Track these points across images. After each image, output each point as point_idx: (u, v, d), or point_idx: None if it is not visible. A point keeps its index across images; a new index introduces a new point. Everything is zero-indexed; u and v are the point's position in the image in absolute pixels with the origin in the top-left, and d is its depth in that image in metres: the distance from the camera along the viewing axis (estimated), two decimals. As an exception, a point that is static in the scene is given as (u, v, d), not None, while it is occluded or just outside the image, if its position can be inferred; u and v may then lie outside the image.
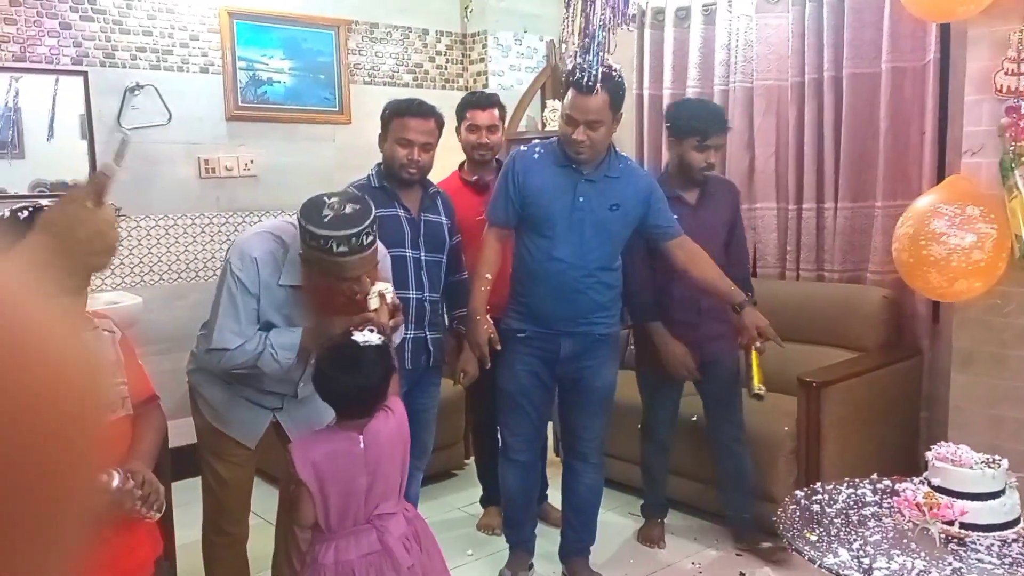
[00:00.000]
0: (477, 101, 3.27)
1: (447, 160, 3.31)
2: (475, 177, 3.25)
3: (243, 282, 2.11)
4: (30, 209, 1.63)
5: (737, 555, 3.09)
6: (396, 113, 2.74)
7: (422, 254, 2.78)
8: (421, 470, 2.98)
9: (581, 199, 2.64)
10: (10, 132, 3.57)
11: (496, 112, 3.26)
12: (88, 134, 3.71)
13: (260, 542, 2.51)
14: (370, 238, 2.05)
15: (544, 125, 4.93)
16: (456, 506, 3.61)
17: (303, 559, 1.96)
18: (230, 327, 2.11)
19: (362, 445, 1.95)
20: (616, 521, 3.41)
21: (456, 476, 3.93)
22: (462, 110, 3.26)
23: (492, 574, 2.98)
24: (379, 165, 2.82)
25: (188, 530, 2.42)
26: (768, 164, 3.86)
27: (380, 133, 2.79)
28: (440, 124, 2.79)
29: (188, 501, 2.46)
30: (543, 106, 4.95)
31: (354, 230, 2.00)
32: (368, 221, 2.03)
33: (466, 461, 3.97)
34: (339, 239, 1.98)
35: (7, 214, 1.65)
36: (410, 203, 2.79)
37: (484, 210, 3.14)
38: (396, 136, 2.71)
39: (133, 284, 3.86)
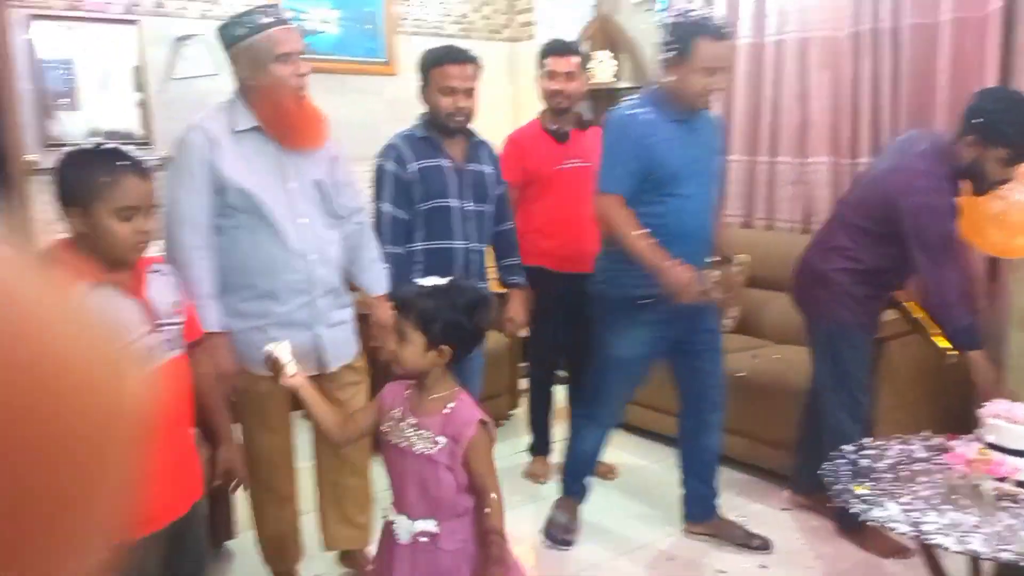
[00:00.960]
0: (556, 48, 3.24)
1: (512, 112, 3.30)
2: (555, 126, 3.23)
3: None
4: (97, 144, 1.69)
5: (782, 510, 3.09)
6: (435, 62, 2.73)
7: (467, 204, 2.79)
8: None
9: (695, 151, 2.60)
10: (66, 82, 3.63)
11: (575, 60, 3.22)
12: (141, 84, 3.75)
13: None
14: (285, 16, 2.36)
15: (592, 76, 4.86)
16: (502, 454, 3.63)
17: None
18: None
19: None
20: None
21: (502, 425, 3.98)
22: (542, 57, 3.24)
23: (538, 520, 3.04)
24: (422, 116, 2.81)
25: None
26: (823, 118, 3.77)
27: (421, 84, 2.78)
28: (478, 68, 2.77)
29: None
30: (589, 57, 4.88)
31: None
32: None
33: (512, 411, 4.01)
34: (260, 11, 2.29)
35: (71, 149, 1.70)
36: (454, 153, 2.79)
37: (563, 160, 3.18)
38: (438, 85, 2.70)
39: (185, 233, 3.93)
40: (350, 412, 2.12)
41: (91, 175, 1.63)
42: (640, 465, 3.55)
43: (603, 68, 4.82)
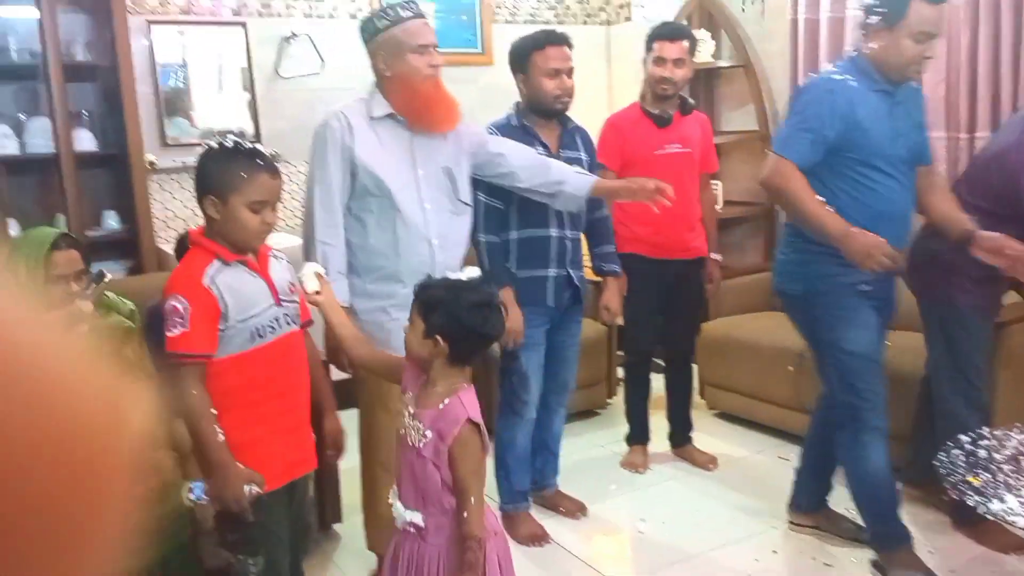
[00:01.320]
0: (666, 32, 3.17)
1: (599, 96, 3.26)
2: (657, 110, 3.18)
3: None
4: (234, 139, 1.81)
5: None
6: (534, 46, 2.74)
7: None
8: (564, 406, 3.03)
9: (901, 125, 2.42)
10: (181, 83, 3.82)
11: (685, 44, 3.15)
12: (250, 84, 3.91)
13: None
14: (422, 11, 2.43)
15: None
16: (599, 443, 3.65)
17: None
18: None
19: None
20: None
21: (599, 415, 3.97)
22: (650, 41, 3.18)
23: (632, 510, 3.03)
24: (517, 104, 2.82)
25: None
26: (937, 90, 3.57)
27: (518, 74, 2.78)
28: (571, 48, 2.78)
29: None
30: (698, 41, 4.77)
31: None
32: None
33: (609, 400, 4.00)
34: (401, 4, 2.38)
35: (214, 145, 1.81)
36: (549, 140, 2.79)
37: (663, 145, 3.13)
38: (541, 69, 2.71)
39: (294, 227, 4.08)
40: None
41: (231, 170, 1.77)
42: (741, 456, 3.48)
43: (702, 48, 4.71)
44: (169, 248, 3.24)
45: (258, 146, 1.86)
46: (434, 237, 2.43)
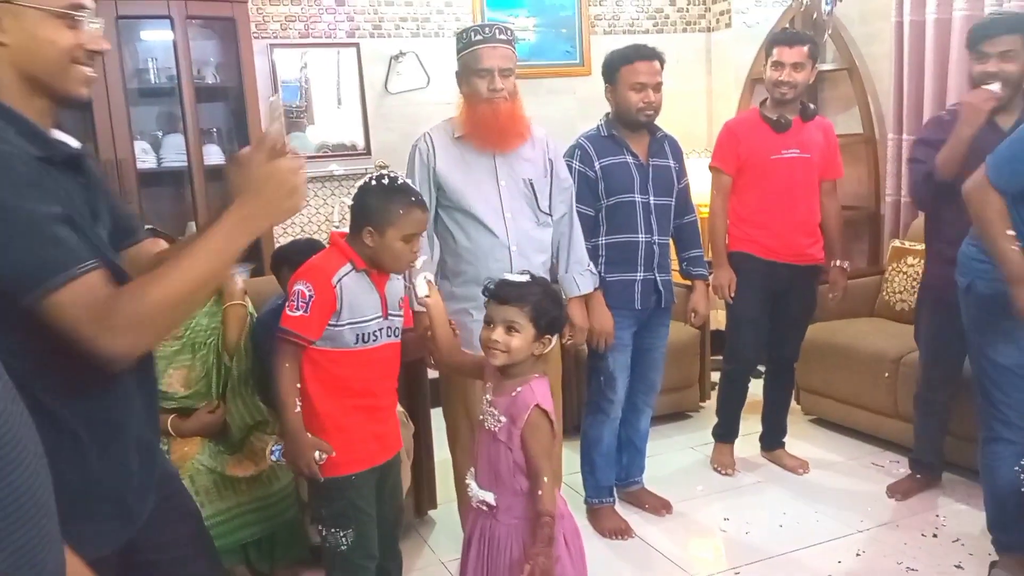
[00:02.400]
0: (785, 39, 3.20)
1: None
2: (775, 115, 3.19)
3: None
4: (388, 176, 2.01)
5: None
6: (623, 61, 2.83)
7: (651, 198, 2.87)
8: (651, 406, 3.11)
9: None
10: (302, 101, 4.13)
11: (805, 50, 3.15)
12: (361, 100, 4.19)
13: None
14: (503, 35, 2.56)
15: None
16: (688, 445, 3.70)
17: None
18: None
19: None
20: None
21: (690, 418, 4.01)
22: (769, 47, 3.21)
23: (717, 510, 3.08)
24: (607, 115, 2.93)
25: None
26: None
27: (607, 85, 2.89)
28: (663, 63, 2.85)
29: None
30: (819, 47, 4.74)
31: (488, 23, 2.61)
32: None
33: (701, 404, 4.03)
34: (475, 29, 2.55)
35: (372, 182, 2.00)
36: (638, 149, 2.88)
37: (780, 150, 3.15)
38: (629, 83, 2.81)
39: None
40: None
41: (390, 207, 1.96)
42: (834, 461, 3.45)
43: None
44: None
45: (408, 182, 2.06)
46: (513, 245, 2.57)
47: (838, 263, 3.35)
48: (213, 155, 3.70)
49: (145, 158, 3.58)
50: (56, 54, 1.23)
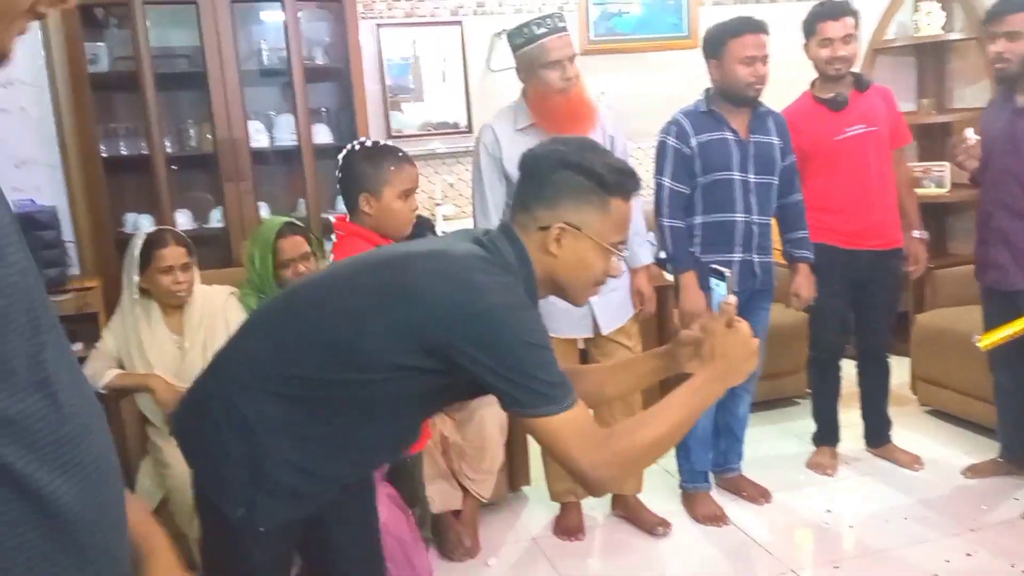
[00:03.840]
0: (828, 12, 3.04)
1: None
2: (831, 95, 3.05)
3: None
4: (367, 141, 2.05)
5: None
6: (732, 34, 2.74)
7: (750, 176, 2.78)
8: (749, 392, 3.02)
9: None
10: (411, 79, 4.20)
11: (850, 20, 3.02)
12: (464, 78, 4.21)
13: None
14: (562, 23, 2.57)
15: (917, 30, 4.47)
16: (793, 432, 3.58)
17: None
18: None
19: None
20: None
21: (797, 404, 3.89)
22: (811, 24, 3.06)
23: (819, 501, 2.98)
24: (707, 90, 2.84)
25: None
26: None
27: (711, 60, 2.79)
28: (768, 35, 2.76)
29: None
30: (915, 8, 4.48)
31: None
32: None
33: (808, 390, 3.88)
34: (536, 22, 2.56)
35: (355, 147, 2.03)
36: (738, 125, 2.79)
37: (842, 129, 3.02)
38: (737, 57, 2.71)
39: (501, 210, 4.35)
40: None
41: (380, 166, 2.00)
42: (950, 456, 3.27)
43: (929, 19, 4.41)
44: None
45: (390, 143, 2.08)
46: None
47: (916, 234, 3.17)
48: (322, 134, 3.81)
49: (258, 138, 3.72)
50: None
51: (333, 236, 2.29)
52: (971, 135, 2.78)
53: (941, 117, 4.51)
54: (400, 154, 2.04)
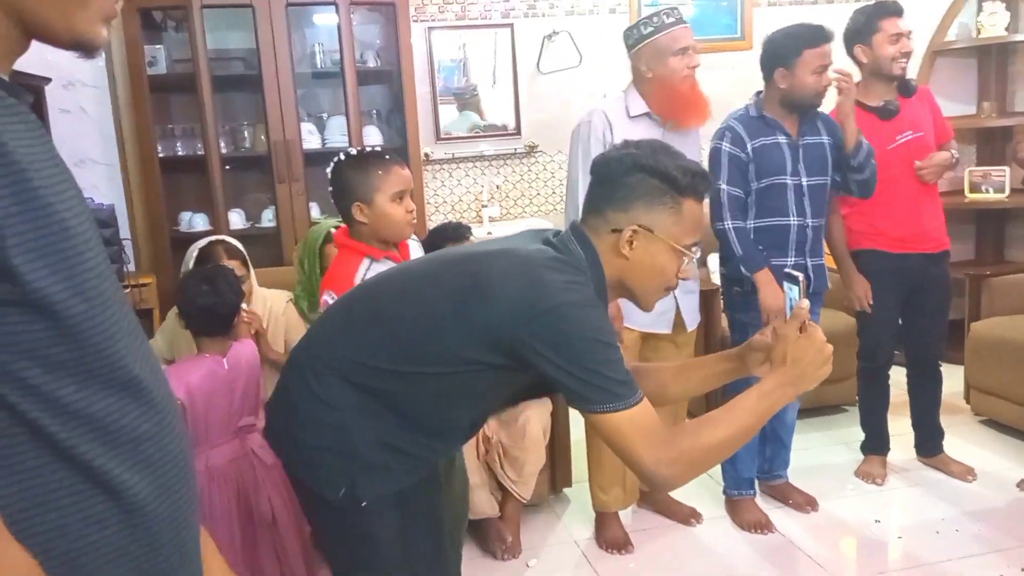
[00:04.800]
0: (893, 8, 2.97)
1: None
2: (880, 103, 2.97)
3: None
4: (353, 150, 2.05)
5: None
6: (809, 44, 2.67)
7: (803, 179, 2.74)
8: (798, 398, 2.97)
9: None
10: (461, 81, 4.23)
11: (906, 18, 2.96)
12: (514, 80, 4.23)
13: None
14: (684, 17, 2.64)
15: (979, 32, 4.36)
16: (843, 440, 3.52)
17: None
18: None
19: (226, 367, 2.14)
20: None
21: (846, 411, 3.82)
22: (872, 22, 2.96)
23: (867, 511, 2.93)
24: (758, 94, 2.81)
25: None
26: None
27: (780, 68, 2.71)
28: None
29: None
30: (979, 9, 4.37)
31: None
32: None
33: (857, 397, 3.81)
34: (665, 12, 2.61)
35: (342, 157, 2.02)
36: (789, 128, 2.75)
37: (894, 138, 2.97)
38: (811, 67, 2.66)
39: (547, 211, 4.35)
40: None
41: (368, 172, 1.96)
42: (1005, 468, 3.18)
43: (994, 20, 4.30)
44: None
45: (377, 148, 2.06)
46: None
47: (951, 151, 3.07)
48: (372, 136, 3.86)
49: (310, 139, 3.79)
50: None
51: None
52: None
53: (1002, 121, 4.39)
54: (388, 157, 2.01)
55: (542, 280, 1.33)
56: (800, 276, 1.41)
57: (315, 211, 3.82)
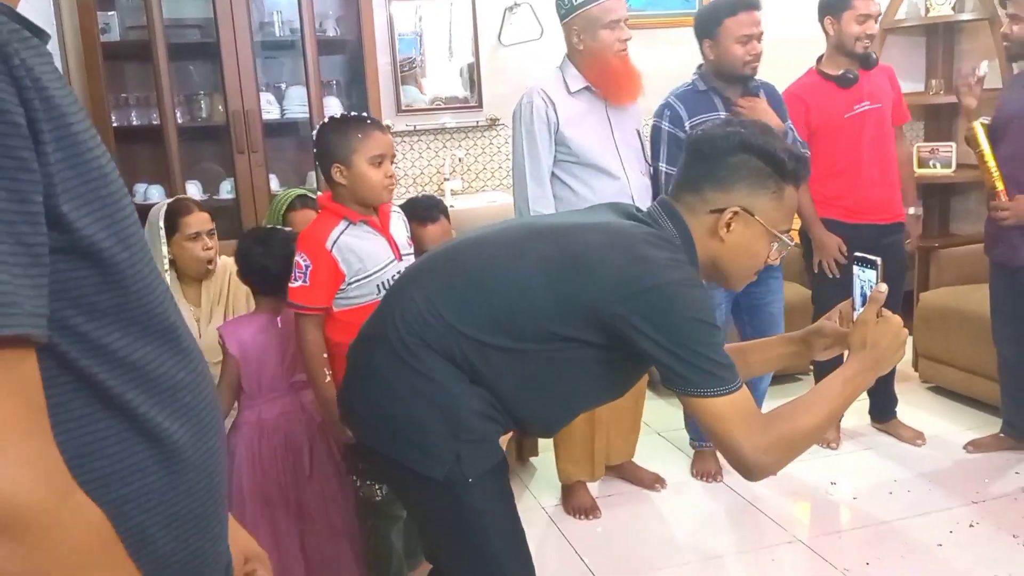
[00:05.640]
0: None
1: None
2: (839, 71, 3.05)
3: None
4: (343, 113, 2.07)
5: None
6: (727, 13, 2.76)
7: None
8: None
9: None
10: (417, 53, 4.19)
11: None
12: (474, 52, 4.21)
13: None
14: None
15: (928, 10, 4.47)
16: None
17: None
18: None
19: (279, 324, 2.18)
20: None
21: (800, 381, 3.93)
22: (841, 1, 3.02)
23: (823, 474, 3.03)
24: (699, 67, 2.88)
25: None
26: None
27: (706, 40, 2.80)
28: (761, 11, 2.79)
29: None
30: (927, -10, 4.47)
31: None
32: None
33: (811, 365, 3.92)
34: None
35: (325, 120, 2.06)
36: (733, 100, 2.81)
37: (852, 106, 3.04)
38: (734, 35, 2.73)
39: (509, 186, 4.33)
40: None
41: (348, 134, 1.98)
42: (952, 432, 3.31)
43: (942, 1, 4.41)
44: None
45: (364, 114, 2.08)
46: (634, 192, 2.62)
47: (912, 211, 3.23)
48: (333, 107, 3.82)
49: (269, 109, 3.73)
50: None
51: None
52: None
53: (949, 98, 4.50)
54: (369, 121, 2.03)
55: (645, 256, 1.31)
56: (878, 260, 1.40)
57: (274, 183, 3.77)
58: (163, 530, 0.69)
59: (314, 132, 2.06)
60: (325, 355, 2.01)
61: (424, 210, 2.58)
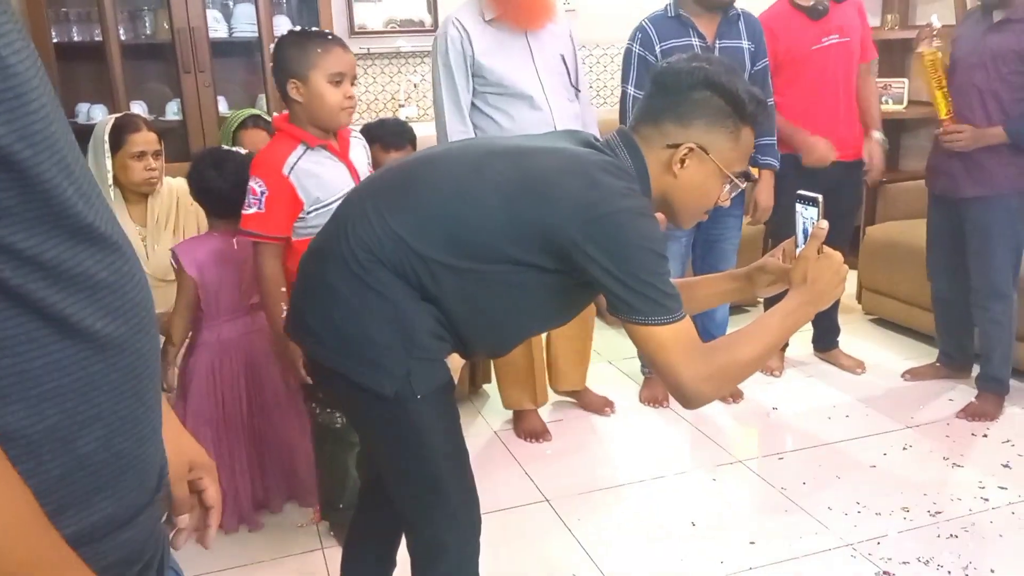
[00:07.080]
0: None
1: None
2: (810, 2, 3.03)
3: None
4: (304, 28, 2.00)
5: None
6: None
7: None
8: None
9: None
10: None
11: None
12: (431, -26, 4.10)
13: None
14: None
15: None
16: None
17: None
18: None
19: (235, 246, 2.18)
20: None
21: (748, 312, 4.01)
22: None
23: (766, 399, 3.12)
24: None
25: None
26: None
27: None
28: None
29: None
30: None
31: None
32: None
33: (759, 298, 4.00)
34: None
35: (285, 33, 1.99)
36: (706, 30, 2.79)
37: (820, 38, 3.03)
38: None
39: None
40: None
41: (307, 49, 1.91)
42: (892, 361, 3.43)
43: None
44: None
45: (324, 30, 2.01)
46: (557, 120, 2.59)
47: (877, 135, 3.21)
48: (283, 27, 3.70)
49: (217, 27, 3.61)
50: None
51: None
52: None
53: (903, 33, 4.54)
54: (330, 37, 1.95)
55: (600, 183, 1.30)
56: (819, 197, 1.41)
57: (223, 105, 3.67)
58: (83, 429, 0.67)
59: (269, 50, 2.01)
60: (283, 289, 1.97)
61: (392, 136, 2.50)
